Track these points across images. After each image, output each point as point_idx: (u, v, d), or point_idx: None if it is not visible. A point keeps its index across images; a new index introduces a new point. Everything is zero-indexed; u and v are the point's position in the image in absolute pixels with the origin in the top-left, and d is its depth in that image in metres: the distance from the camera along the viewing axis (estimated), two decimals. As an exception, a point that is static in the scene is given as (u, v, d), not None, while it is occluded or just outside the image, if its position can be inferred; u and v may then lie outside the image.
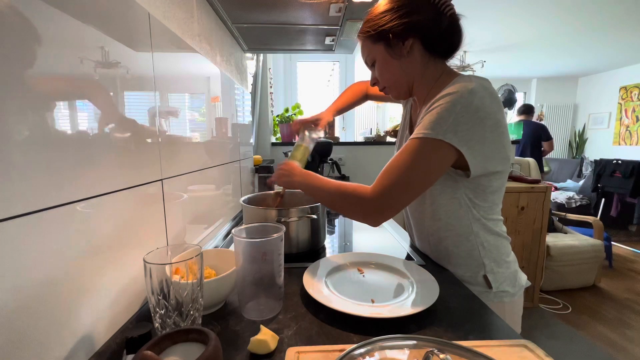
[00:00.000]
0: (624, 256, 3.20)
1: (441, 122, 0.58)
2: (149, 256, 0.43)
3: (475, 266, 0.69)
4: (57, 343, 0.38)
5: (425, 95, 0.71)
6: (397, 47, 0.67)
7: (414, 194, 0.62)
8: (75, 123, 0.42)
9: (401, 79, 0.71)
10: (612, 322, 2.08)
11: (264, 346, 0.43)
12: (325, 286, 0.61)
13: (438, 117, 0.58)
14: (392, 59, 0.68)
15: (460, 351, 0.37)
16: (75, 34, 0.42)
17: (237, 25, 1.24)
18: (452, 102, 0.58)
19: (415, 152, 0.60)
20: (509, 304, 0.70)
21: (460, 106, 0.58)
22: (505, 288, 0.69)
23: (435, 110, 0.59)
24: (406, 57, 0.67)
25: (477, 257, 0.69)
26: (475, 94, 0.58)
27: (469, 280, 0.70)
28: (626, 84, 4.65)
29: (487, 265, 0.69)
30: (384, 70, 0.71)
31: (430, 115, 0.60)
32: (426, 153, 0.59)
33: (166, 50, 0.70)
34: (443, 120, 0.58)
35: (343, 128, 3.34)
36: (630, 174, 3.73)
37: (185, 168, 0.80)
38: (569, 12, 2.68)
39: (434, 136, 0.58)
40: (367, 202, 0.62)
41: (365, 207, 0.63)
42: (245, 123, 1.60)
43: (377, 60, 0.71)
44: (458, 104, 0.58)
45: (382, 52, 0.69)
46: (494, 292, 0.68)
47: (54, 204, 0.38)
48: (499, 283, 0.69)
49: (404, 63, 0.68)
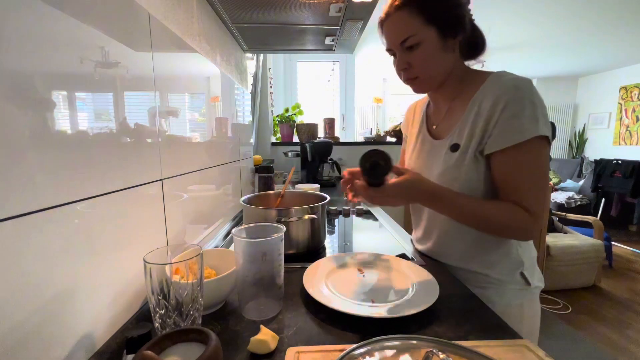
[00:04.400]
0: (624, 256, 3.20)
1: (532, 119, 0.57)
2: (149, 256, 0.43)
3: (514, 265, 0.68)
4: (57, 343, 0.38)
5: (451, 92, 0.70)
6: (447, 40, 0.62)
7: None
8: (75, 123, 0.42)
9: (442, 73, 0.66)
10: (612, 322, 2.08)
11: (264, 346, 0.43)
12: (325, 286, 0.61)
13: (528, 115, 0.57)
14: (441, 50, 0.63)
15: (460, 351, 0.37)
16: (75, 34, 0.42)
17: (237, 25, 1.24)
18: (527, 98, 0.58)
19: (536, 158, 0.59)
20: (538, 300, 0.71)
21: (536, 98, 0.58)
22: (537, 283, 0.70)
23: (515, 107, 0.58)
24: (451, 53, 0.65)
25: (515, 255, 0.68)
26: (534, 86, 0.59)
27: (505, 279, 0.68)
28: (626, 84, 4.65)
29: (525, 263, 0.69)
30: (428, 60, 0.64)
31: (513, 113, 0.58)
32: (544, 152, 0.59)
33: (166, 50, 0.70)
34: (533, 118, 0.57)
35: (343, 128, 3.34)
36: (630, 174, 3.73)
37: (185, 168, 0.80)
38: (569, 12, 2.68)
39: (543, 133, 0.57)
40: (532, 223, 0.59)
41: (530, 229, 0.60)
42: (245, 123, 1.60)
43: (423, 45, 0.62)
44: (532, 96, 0.58)
45: (433, 39, 0.62)
46: (531, 289, 0.69)
47: (54, 204, 0.38)
48: (534, 279, 0.69)
49: (450, 58, 0.65)
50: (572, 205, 3.91)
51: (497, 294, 0.67)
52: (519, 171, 0.60)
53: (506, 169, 0.61)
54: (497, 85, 0.62)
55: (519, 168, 0.60)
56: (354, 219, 1.23)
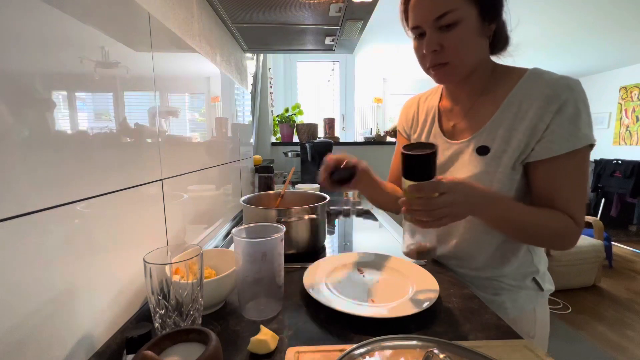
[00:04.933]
0: (624, 256, 3.20)
1: (587, 126, 0.55)
2: (149, 256, 0.43)
3: (529, 271, 0.68)
4: (56, 343, 0.38)
5: (478, 87, 0.64)
6: (484, 25, 0.57)
7: None
8: (75, 123, 0.42)
9: (473, 62, 0.60)
10: (612, 322, 2.08)
11: (264, 346, 0.43)
12: (325, 286, 0.61)
13: (583, 121, 0.55)
14: (478, 34, 0.57)
15: (460, 351, 0.37)
16: (75, 34, 0.42)
17: (237, 25, 1.24)
18: (584, 98, 0.55)
19: (583, 166, 0.57)
20: (547, 302, 0.71)
21: (587, 102, 0.55)
22: (548, 287, 0.70)
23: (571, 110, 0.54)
24: (486, 41, 0.60)
25: (529, 262, 0.68)
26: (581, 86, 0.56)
27: (519, 284, 0.67)
28: (626, 84, 4.65)
29: (540, 269, 0.69)
30: (464, 42, 0.56)
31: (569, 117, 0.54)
32: (587, 161, 0.57)
33: (166, 50, 0.70)
34: (587, 124, 0.55)
35: (343, 128, 3.34)
36: (630, 174, 3.74)
37: (185, 168, 0.80)
38: (569, 12, 2.68)
39: (588, 142, 0.55)
40: (578, 233, 0.58)
41: (575, 239, 0.58)
42: (245, 123, 1.60)
43: (462, 24, 0.55)
44: (586, 99, 0.55)
45: (473, 19, 0.55)
46: (544, 293, 0.69)
47: (54, 204, 0.38)
48: (546, 283, 0.70)
49: (484, 45, 0.60)
50: (572, 205, 3.90)
51: (510, 300, 0.67)
52: (569, 180, 0.57)
53: (555, 177, 0.57)
54: (542, 84, 0.56)
55: (569, 177, 0.56)
56: (354, 219, 1.23)
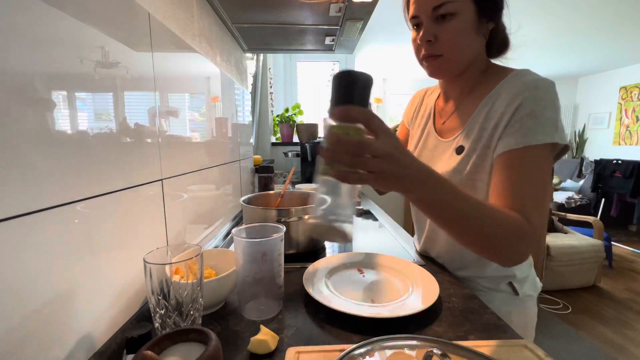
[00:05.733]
0: (624, 256, 3.20)
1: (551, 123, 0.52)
2: (149, 256, 0.43)
3: (504, 275, 0.67)
4: (56, 343, 0.38)
5: (468, 85, 0.64)
6: (481, 22, 0.58)
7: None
8: (75, 123, 0.42)
9: (467, 57, 0.60)
10: (612, 322, 2.08)
11: (264, 346, 0.43)
12: (325, 286, 0.61)
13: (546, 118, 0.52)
14: (474, 30, 0.57)
15: (460, 351, 0.37)
16: (75, 34, 0.42)
17: (237, 25, 1.24)
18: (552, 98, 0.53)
19: (541, 165, 0.52)
20: (531, 308, 0.69)
21: (557, 101, 0.53)
22: (529, 292, 0.68)
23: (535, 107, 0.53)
24: (482, 38, 0.60)
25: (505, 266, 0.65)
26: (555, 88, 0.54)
27: (493, 287, 0.67)
28: (626, 84, 4.65)
29: (517, 275, 0.67)
30: (459, 35, 0.57)
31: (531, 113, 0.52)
32: (546, 161, 0.53)
33: (166, 50, 0.70)
34: (552, 121, 0.52)
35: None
36: (630, 174, 3.73)
37: (185, 168, 0.80)
38: (568, 12, 2.68)
39: (550, 140, 0.51)
40: (531, 237, 0.49)
41: (527, 243, 0.49)
42: (245, 123, 1.60)
43: (459, 17, 0.55)
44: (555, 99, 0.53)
45: (471, 13, 0.56)
46: (521, 298, 0.66)
47: (54, 204, 0.38)
48: (524, 289, 0.67)
49: (479, 42, 0.60)
50: (572, 205, 3.90)
51: (486, 300, 0.64)
52: (523, 176, 0.52)
53: (509, 173, 0.53)
54: (515, 84, 0.56)
55: (523, 173, 0.52)
56: (353, 219, 1.23)
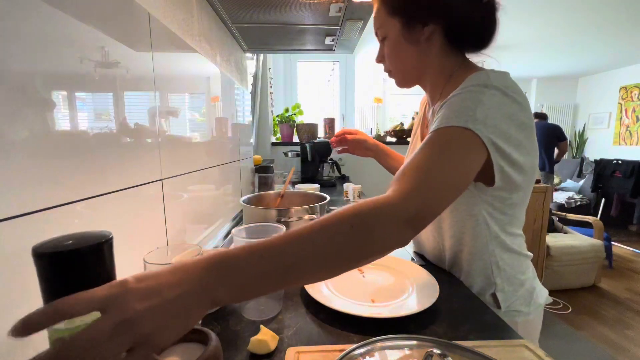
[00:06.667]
0: (624, 256, 3.20)
1: (466, 110, 0.49)
2: (149, 256, 0.43)
3: (487, 284, 0.63)
4: (57, 343, 0.38)
5: (439, 91, 0.62)
6: (414, 31, 0.57)
7: (450, 195, 0.46)
8: (75, 123, 0.42)
9: (411, 67, 0.62)
10: (612, 322, 2.08)
11: (264, 346, 0.43)
12: (325, 286, 0.61)
13: (461, 106, 0.50)
14: (405, 42, 0.59)
15: (460, 351, 0.37)
16: (75, 34, 0.42)
17: (237, 25, 1.24)
18: (476, 92, 0.50)
19: (443, 144, 0.48)
20: (521, 324, 0.62)
21: (485, 97, 0.50)
22: (517, 307, 0.62)
23: (455, 99, 0.51)
24: (423, 44, 0.58)
25: (489, 275, 0.62)
26: (493, 89, 0.50)
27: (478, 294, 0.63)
28: (626, 84, 4.65)
29: (499, 285, 0.62)
30: (393, 52, 0.61)
31: (450, 104, 0.51)
32: (455, 144, 0.48)
33: (166, 50, 0.70)
34: (468, 109, 0.49)
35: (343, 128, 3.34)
36: (630, 174, 3.73)
37: (185, 168, 0.80)
38: (568, 12, 2.68)
39: (463, 124, 0.48)
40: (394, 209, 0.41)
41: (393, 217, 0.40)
42: (245, 123, 1.60)
43: (389, 37, 0.60)
44: (482, 94, 0.50)
45: (396, 31, 0.59)
46: (503, 312, 0.61)
47: (54, 204, 0.38)
48: (510, 302, 0.62)
49: (419, 50, 0.59)
50: (572, 205, 3.90)
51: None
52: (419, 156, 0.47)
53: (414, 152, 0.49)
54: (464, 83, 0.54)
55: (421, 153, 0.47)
56: None
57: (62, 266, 0.27)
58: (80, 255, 0.28)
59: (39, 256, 0.27)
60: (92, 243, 0.29)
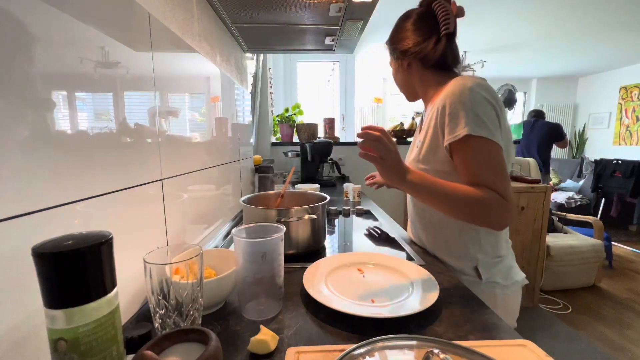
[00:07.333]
0: (624, 256, 3.20)
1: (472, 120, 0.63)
2: (149, 256, 0.43)
3: (469, 259, 0.75)
4: (57, 343, 0.38)
5: (429, 98, 0.80)
6: (398, 63, 0.82)
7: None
8: (75, 123, 0.42)
9: (405, 85, 0.85)
10: (612, 322, 2.08)
11: (264, 346, 0.43)
12: (325, 286, 0.61)
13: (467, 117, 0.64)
14: (398, 70, 0.84)
15: (460, 351, 0.37)
16: (75, 34, 0.42)
17: (237, 25, 1.24)
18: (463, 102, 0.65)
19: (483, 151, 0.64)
20: (500, 296, 0.73)
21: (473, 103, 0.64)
22: (496, 279, 0.73)
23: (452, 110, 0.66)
24: (407, 70, 0.81)
25: (471, 251, 0.74)
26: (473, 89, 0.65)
27: (461, 270, 0.76)
28: (626, 84, 4.65)
29: (481, 260, 0.74)
30: (394, 78, 0.88)
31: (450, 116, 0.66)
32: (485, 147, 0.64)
33: (166, 50, 0.70)
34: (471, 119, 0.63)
35: (343, 128, 3.34)
36: (630, 174, 3.73)
37: (185, 168, 0.80)
38: (568, 12, 2.68)
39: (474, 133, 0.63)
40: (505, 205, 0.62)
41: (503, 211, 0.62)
42: (245, 123, 1.60)
43: (391, 66, 0.86)
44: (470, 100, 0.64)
45: (392, 62, 0.85)
46: (484, 282, 0.73)
47: (54, 204, 0.38)
48: (490, 274, 0.74)
49: (406, 74, 0.83)
50: (572, 205, 3.90)
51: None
52: (473, 160, 0.65)
53: (462, 156, 0.67)
54: (446, 90, 0.69)
55: (474, 160, 0.65)
56: (354, 219, 1.23)
57: (62, 266, 0.28)
58: (80, 255, 0.28)
59: (39, 256, 0.27)
60: (92, 243, 0.29)
